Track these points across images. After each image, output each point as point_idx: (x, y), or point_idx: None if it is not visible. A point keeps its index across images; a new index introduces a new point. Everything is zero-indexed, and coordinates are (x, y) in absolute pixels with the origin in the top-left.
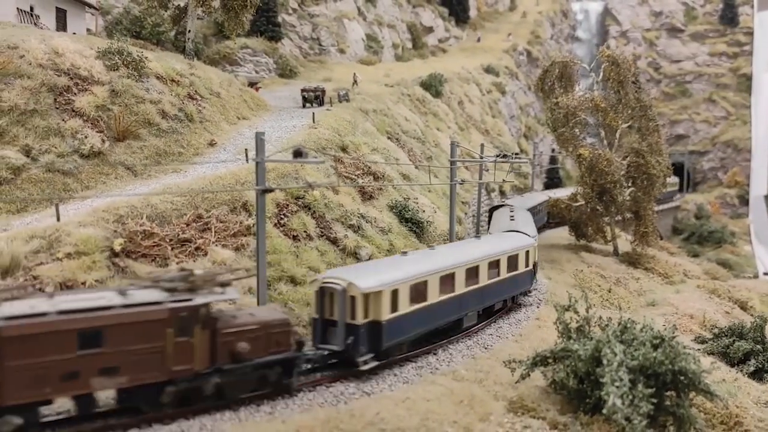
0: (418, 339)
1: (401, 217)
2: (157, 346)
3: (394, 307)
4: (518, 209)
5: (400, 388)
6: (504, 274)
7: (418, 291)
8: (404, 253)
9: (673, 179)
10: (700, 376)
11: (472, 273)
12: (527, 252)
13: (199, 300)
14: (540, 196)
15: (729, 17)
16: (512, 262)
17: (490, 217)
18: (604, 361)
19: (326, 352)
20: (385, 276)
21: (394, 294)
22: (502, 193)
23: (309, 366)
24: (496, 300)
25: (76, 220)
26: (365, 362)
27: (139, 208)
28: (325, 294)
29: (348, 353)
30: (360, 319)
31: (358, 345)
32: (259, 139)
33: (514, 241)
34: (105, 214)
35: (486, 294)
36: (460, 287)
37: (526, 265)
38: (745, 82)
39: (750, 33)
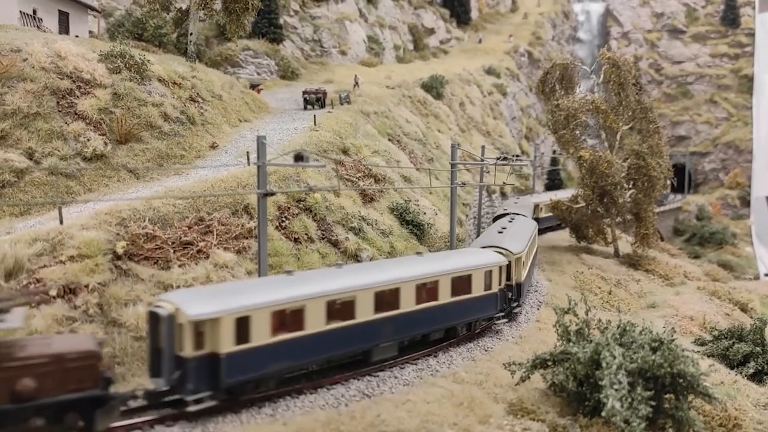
0: (319, 371)
1: (402, 220)
2: None
3: (243, 337)
4: (519, 219)
5: (401, 390)
6: (446, 298)
7: (289, 318)
8: (288, 272)
9: None
10: (699, 378)
11: (388, 297)
12: (488, 272)
13: None
14: (527, 202)
15: (730, 18)
16: (461, 284)
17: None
18: (603, 364)
19: (158, 388)
20: (230, 301)
21: (242, 322)
22: (503, 194)
23: (141, 403)
24: (431, 329)
25: (78, 222)
26: (197, 401)
27: (141, 211)
28: (156, 320)
29: (175, 390)
30: (189, 351)
31: (186, 381)
32: (261, 143)
33: (470, 259)
34: (107, 217)
35: (412, 322)
36: (366, 314)
37: (487, 288)
38: (747, 83)
39: (751, 34)
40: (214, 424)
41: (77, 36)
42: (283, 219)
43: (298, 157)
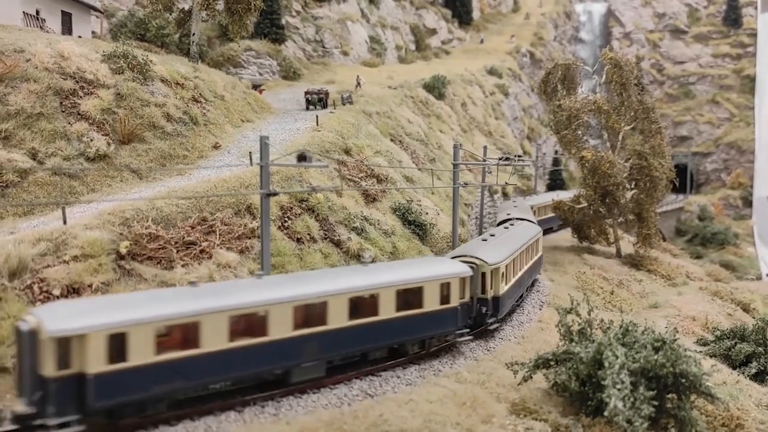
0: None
1: (404, 220)
2: None
3: (118, 355)
4: (520, 225)
5: (404, 390)
6: (389, 313)
7: (180, 335)
8: (192, 283)
9: None
10: (702, 378)
11: (312, 313)
12: (445, 284)
13: None
14: (524, 204)
15: (732, 18)
16: (409, 298)
17: None
18: (606, 364)
19: (27, 410)
20: (104, 315)
21: (117, 339)
22: (504, 194)
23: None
24: (369, 347)
25: (82, 222)
26: (61, 426)
27: (144, 211)
28: (18, 335)
29: (38, 413)
30: (51, 371)
31: (47, 403)
32: (264, 143)
33: (422, 270)
34: (111, 217)
35: (344, 340)
36: (282, 331)
37: (444, 302)
38: (749, 84)
39: (753, 34)
40: (217, 423)
41: (80, 36)
42: (286, 219)
43: (301, 158)
